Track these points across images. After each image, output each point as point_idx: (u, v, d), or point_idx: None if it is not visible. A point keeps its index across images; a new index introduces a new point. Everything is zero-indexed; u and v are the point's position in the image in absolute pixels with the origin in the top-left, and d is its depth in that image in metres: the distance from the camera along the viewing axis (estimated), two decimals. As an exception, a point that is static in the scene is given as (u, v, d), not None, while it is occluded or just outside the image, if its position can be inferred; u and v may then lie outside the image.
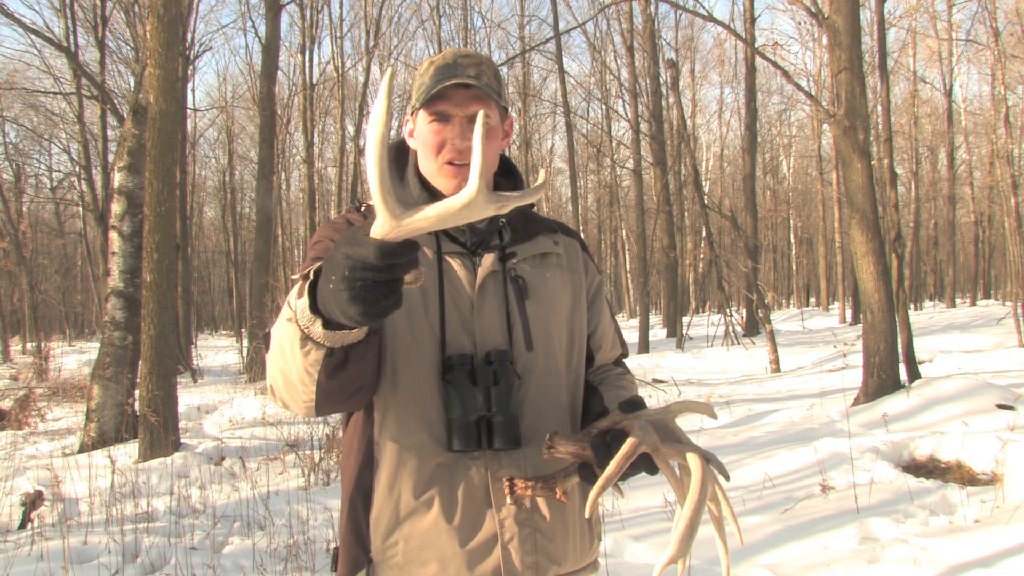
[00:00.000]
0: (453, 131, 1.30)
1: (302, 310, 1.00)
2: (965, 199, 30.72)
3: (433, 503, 1.24)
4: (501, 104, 1.36)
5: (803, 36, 26.61)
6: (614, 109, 23.65)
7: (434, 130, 1.31)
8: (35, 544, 4.15)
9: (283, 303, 1.09)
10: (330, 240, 1.33)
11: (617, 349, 1.51)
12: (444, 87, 1.28)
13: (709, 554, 3.77)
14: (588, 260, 1.48)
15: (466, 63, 1.31)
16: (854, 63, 7.53)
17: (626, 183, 28.01)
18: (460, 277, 1.32)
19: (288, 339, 1.04)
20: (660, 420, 1.16)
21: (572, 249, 1.46)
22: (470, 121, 1.30)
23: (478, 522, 1.25)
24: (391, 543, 1.25)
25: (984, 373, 8.16)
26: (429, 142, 1.32)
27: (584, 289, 1.44)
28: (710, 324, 18.26)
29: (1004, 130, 18.45)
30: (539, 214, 1.50)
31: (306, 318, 1.00)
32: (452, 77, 1.28)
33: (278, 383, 1.15)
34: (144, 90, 7.24)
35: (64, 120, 22.27)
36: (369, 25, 18.50)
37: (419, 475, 1.25)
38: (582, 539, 1.35)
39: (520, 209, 1.38)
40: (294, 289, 1.04)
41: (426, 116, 1.32)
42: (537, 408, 1.30)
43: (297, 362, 1.06)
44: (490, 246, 1.36)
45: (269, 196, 15.09)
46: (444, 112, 1.30)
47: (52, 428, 8.75)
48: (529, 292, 1.34)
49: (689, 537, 1.05)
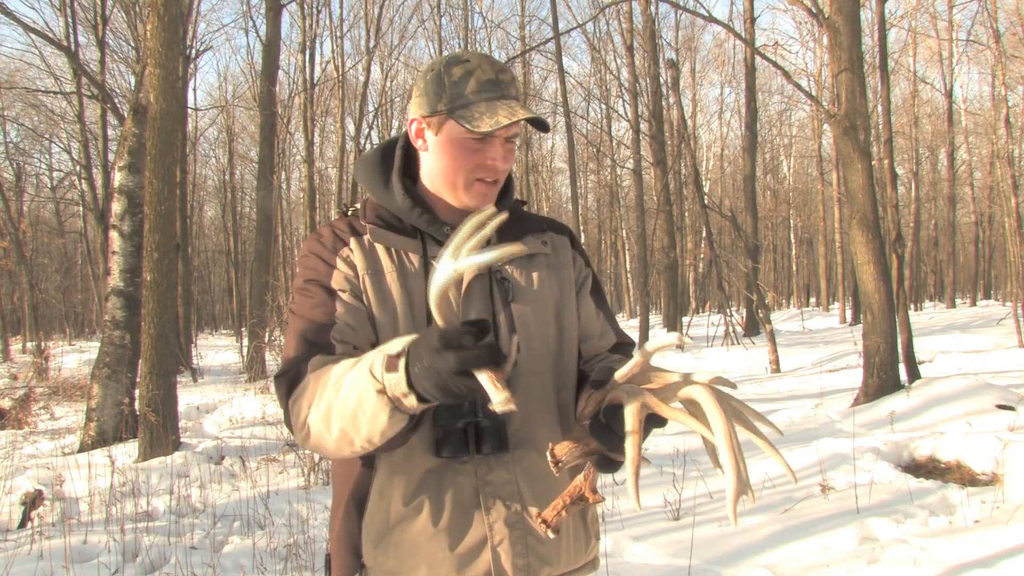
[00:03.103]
0: (494, 151, 1.28)
1: (396, 384, 1.03)
2: (965, 199, 30.72)
3: (422, 508, 1.24)
4: None
5: (803, 36, 26.62)
6: (614, 109, 23.65)
7: (473, 148, 1.28)
8: (35, 543, 4.15)
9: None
10: (317, 257, 1.32)
11: (609, 338, 1.47)
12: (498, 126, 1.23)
13: (709, 554, 3.78)
14: (576, 254, 1.47)
15: (506, 79, 1.29)
16: (854, 63, 7.53)
17: (626, 183, 28.02)
18: None
19: (371, 406, 1.06)
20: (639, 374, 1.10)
21: (561, 246, 1.45)
22: (507, 141, 1.29)
23: (467, 526, 1.25)
24: (382, 549, 1.26)
25: (984, 373, 8.15)
26: (464, 159, 1.29)
27: (572, 284, 1.43)
28: (710, 324, 18.26)
29: (1004, 130, 18.43)
30: (529, 212, 1.49)
31: (400, 391, 1.03)
32: (501, 98, 1.26)
33: (329, 437, 1.13)
34: (144, 89, 7.24)
35: (64, 119, 22.26)
36: (369, 25, 18.49)
37: (408, 482, 1.25)
38: (576, 540, 1.35)
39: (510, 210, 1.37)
40: (378, 361, 1.05)
41: (461, 130, 1.27)
42: (525, 410, 1.28)
43: (378, 426, 1.07)
44: None
45: (269, 196, 15.09)
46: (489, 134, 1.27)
47: (52, 427, 8.75)
48: (515, 294, 1.33)
49: (739, 463, 0.99)
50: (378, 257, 1.32)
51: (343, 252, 1.32)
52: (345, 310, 1.27)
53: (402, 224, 1.35)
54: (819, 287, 35.42)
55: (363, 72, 19.05)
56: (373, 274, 1.30)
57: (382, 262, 1.32)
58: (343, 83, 17.82)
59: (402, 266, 1.32)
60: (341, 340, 1.24)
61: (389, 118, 26.44)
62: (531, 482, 1.29)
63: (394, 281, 1.30)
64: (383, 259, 1.32)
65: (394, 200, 1.35)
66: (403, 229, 1.34)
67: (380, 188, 1.37)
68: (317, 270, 1.32)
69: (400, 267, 1.31)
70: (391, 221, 1.35)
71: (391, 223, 1.35)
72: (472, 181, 1.30)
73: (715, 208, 17.53)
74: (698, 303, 29.71)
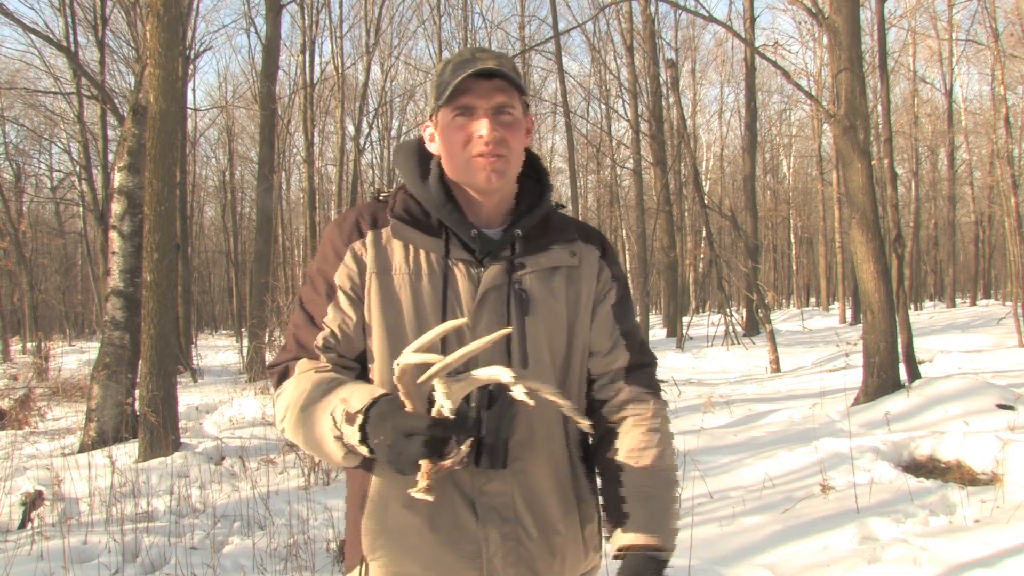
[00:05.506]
0: (479, 123, 1.26)
1: (351, 435, 1.14)
2: (965, 199, 30.72)
3: (418, 514, 1.25)
4: (523, 97, 1.32)
5: (803, 36, 26.62)
6: (614, 109, 23.64)
7: (459, 125, 1.27)
8: (35, 544, 4.15)
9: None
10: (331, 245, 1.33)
11: (618, 358, 1.37)
12: (466, 77, 1.23)
13: (709, 554, 3.78)
14: (605, 265, 1.40)
15: (484, 56, 1.27)
16: (854, 63, 7.53)
17: (626, 183, 27.99)
18: (461, 288, 1.29)
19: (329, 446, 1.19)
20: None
21: (589, 257, 1.38)
22: (496, 112, 1.26)
23: (462, 535, 1.26)
24: (379, 547, 1.28)
25: (984, 373, 8.15)
26: (455, 138, 1.27)
27: (592, 298, 1.37)
28: (710, 324, 18.26)
29: (1004, 130, 18.43)
30: (565, 216, 1.43)
31: (354, 442, 1.14)
32: (471, 62, 1.26)
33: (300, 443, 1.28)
34: (144, 90, 7.23)
35: (64, 120, 22.26)
36: (369, 25, 18.49)
37: (407, 486, 1.24)
38: (573, 554, 1.35)
39: (541, 216, 1.35)
40: (339, 410, 1.16)
41: (449, 113, 1.27)
42: (530, 426, 1.28)
43: (336, 460, 1.20)
44: (499, 256, 1.31)
45: (269, 196, 15.09)
46: (468, 105, 1.26)
47: (52, 428, 8.75)
48: (531, 307, 1.30)
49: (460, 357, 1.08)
50: (391, 255, 1.30)
51: (355, 245, 1.31)
52: (336, 315, 1.30)
53: (428, 220, 1.31)
54: (819, 287, 35.43)
55: (363, 72, 19.06)
56: (381, 274, 1.29)
57: (395, 261, 1.30)
58: (343, 83, 17.82)
59: (417, 267, 1.29)
60: (325, 348, 1.30)
61: (389, 118, 26.46)
62: (527, 495, 1.29)
63: (403, 283, 1.28)
64: (397, 258, 1.30)
65: (429, 192, 1.32)
66: (428, 226, 1.31)
67: (416, 177, 1.34)
68: (327, 259, 1.32)
69: (415, 268, 1.29)
70: (418, 216, 1.31)
71: (418, 218, 1.31)
72: (469, 158, 1.27)
73: (715, 208, 17.53)
74: (698, 303, 29.71)
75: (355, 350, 1.31)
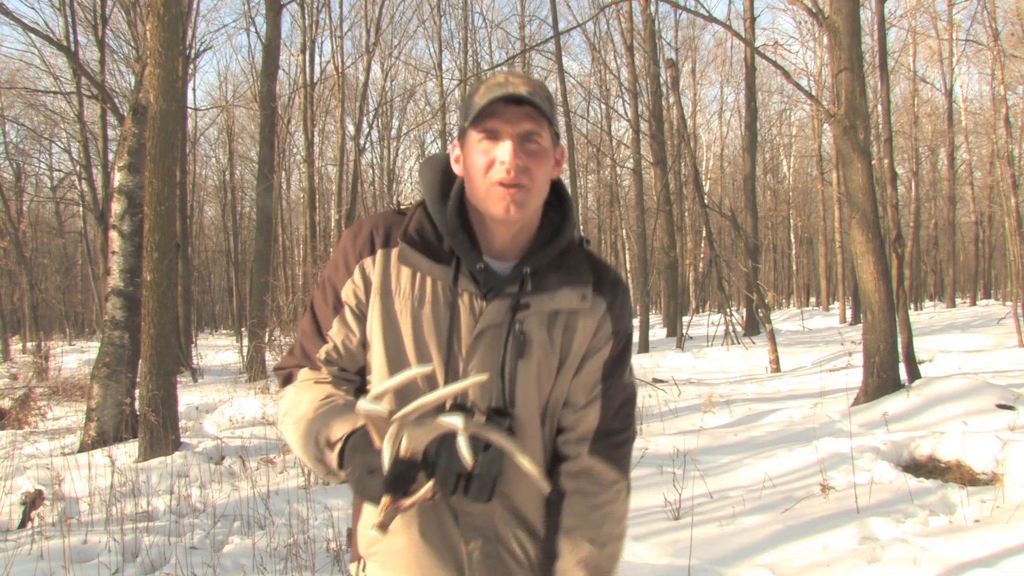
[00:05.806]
0: (502, 147, 1.22)
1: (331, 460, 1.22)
2: (965, 199, 30.72)
3: (406, 528, 1.32)
4: (553, 128, 1.27)
5: (803, 36, 26.64)
6: (614, 109, 23.64)
7: (483, 149, 1.24)
8: (35, 543, 4.15)
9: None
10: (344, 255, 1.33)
11: (590, 418, 1.33)
12: (493, 99, 1.21)
13: (709, 554, 3.78)
14: (608, 319, 1.34)
15: (517, 81, 1.24)
16: (854, 63, 7.53)
17: (626, 183, 27.99)
18: (462, 320, 1.28)
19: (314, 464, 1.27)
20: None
21: (595, 308, 1.33)
22: (522, 139, 1.22)
23: (446, 552, 1.33)
24: (371, 552, 1.37)
25: (984, 373, 8.16)
26: (477, 162, 1.24)
27: (584, 349, 1.33)
28: (710, 324, 18.26)
29: (1004, 130, 18.44)
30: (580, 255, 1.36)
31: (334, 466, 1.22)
32: (503, 86, 1.24)
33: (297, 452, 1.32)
34: (144, 89, 7.23)
35: (64, 119, 22.24)
36: (370, 24, 18.50)
37: None
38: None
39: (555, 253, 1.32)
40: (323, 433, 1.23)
41: (475, 135, 1.24)
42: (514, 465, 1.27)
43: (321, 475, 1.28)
44: (504, 293, 1.28)
45: (269, 195, 15.08)
46: (494, 129, 1.23)
47: (52, 427, 8.75)
48: (528, 351, 1.28)
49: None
50: (398, 277, 1.29)
51: (365, 262, 1.31)
52: (340, 329, 1.33)
53: (440, 245, 1.29)
54: (819, 287, 35.43)
55: (363, 72, 19.07)
56: (384, 295, 1.29)
57: (400, 284, 1.29)
58: (343, 83, 17.82)
59: (421, 293, 1.28)
60: (327, 362, 1.35)
61: (389, 118, 26.46)
62: (508, 518, 1.35)
63: (404, 308, 1.28)
64: (403, 282, 1.29)
65: (445, 215, 1.30)
66: (439, 252, 1.29)
67: (436, 196, 1.32)
68: (338, 269, 1.34)
69: (419, 295, 1.28)
70: (430, 240, 1.29)
71: (429, 242, 1.29)
72: (490, 185, 1.23)
73: (715, 208, 17.54)
74: (698, 303, 29.71)
75: (357, 364, 1.36)
